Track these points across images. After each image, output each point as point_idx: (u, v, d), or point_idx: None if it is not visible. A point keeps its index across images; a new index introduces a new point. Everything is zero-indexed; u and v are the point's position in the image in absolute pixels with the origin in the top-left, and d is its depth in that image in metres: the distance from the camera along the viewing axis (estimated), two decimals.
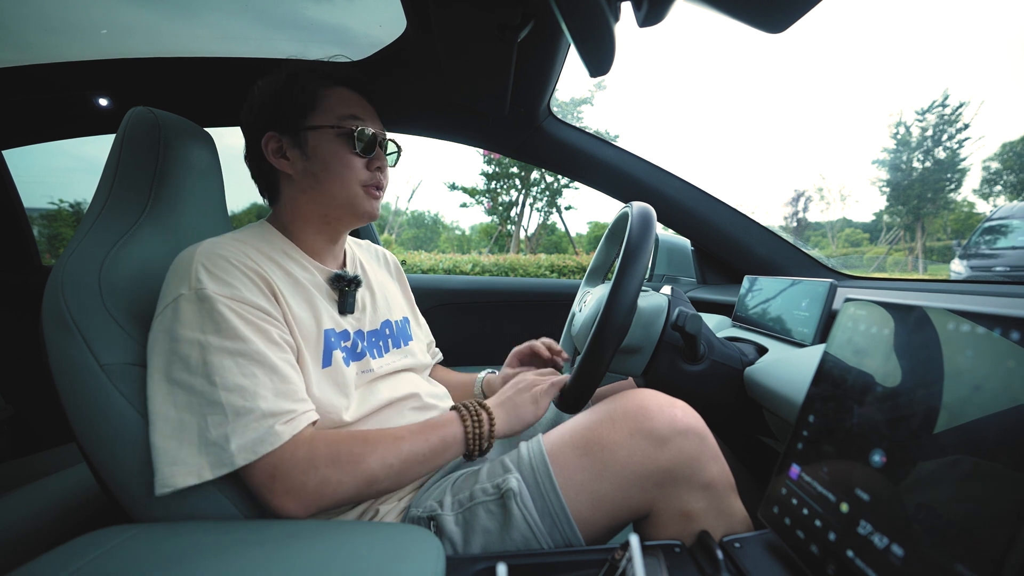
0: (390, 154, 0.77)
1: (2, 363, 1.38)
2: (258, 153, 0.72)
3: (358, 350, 0.72)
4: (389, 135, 0.77)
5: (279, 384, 0.58)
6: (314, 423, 0.60)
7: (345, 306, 0.73)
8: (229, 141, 0.88)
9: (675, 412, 0.60)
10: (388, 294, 0.87)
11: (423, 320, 0.99)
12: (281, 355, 0.60)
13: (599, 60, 0.58)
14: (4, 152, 1.41)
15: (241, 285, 0.60)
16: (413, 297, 0.97)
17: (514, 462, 0.63)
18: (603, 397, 0.86)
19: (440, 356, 1.02)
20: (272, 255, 0.68)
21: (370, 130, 0.70)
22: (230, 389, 0.54)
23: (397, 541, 0.50)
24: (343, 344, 0.70)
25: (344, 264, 0.81)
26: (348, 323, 0.73)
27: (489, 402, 0.69)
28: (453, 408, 0.68)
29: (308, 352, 0.64)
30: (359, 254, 0.87)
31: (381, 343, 0.79)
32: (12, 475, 1.11)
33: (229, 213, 0.92)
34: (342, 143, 0.69)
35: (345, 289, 0.74)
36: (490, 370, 0.98)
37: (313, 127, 0.69)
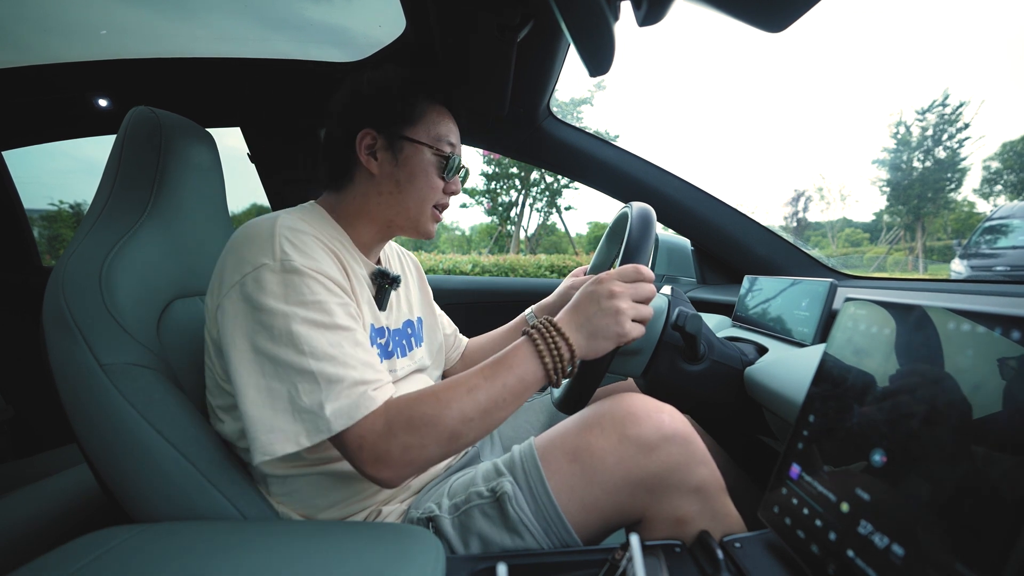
0: (463, 178, 0.78)
1: (2, 364, 1.38)
2: (346, 142, 0.71)
3: (389, 348, 0.73)
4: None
5: (363, 355, 0.58)
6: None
7: (382, 303, 0.74)
8: (229, 142, 0.88)
9: (662, 418, 0.60)
10: (409, 294, 0.87)
11: (441, 314, 1.00)
12: (361, 329, 0.61)
13: (599, 60, 0.58)
14: (4, 153, 1.42)
15: (324, 260, 0.60)
16: (431, 293, 0.98)
17: (507, 466, 0.63)
18: (601, 397, 0.86)
19: (464, 343, 1.04)
20: (331, 242, 0.66)
21: (457, 157, 0.72)
22: (319, 358, 0.54)
23: (398, 541, 0.51)
24: (379, 340, 0.70)
25: (379, 262, 0.81)
26: (384, 320, 0.73)
27: (565, 322, 0.60)
28: (524, 334, 0.61)
29: None
30: (388, 253, 0.87)
31: (404, 343, 0.79)
32: (13, 476, 1.11)
33: (230, 214, 0.92)
34: (434, 164, 0.71)
35: (385, 286, 0.74)
36: (532, 310, 0.99)
37: (412, 139, 0.69)
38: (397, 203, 0.71)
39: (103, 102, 1.15)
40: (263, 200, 1.48)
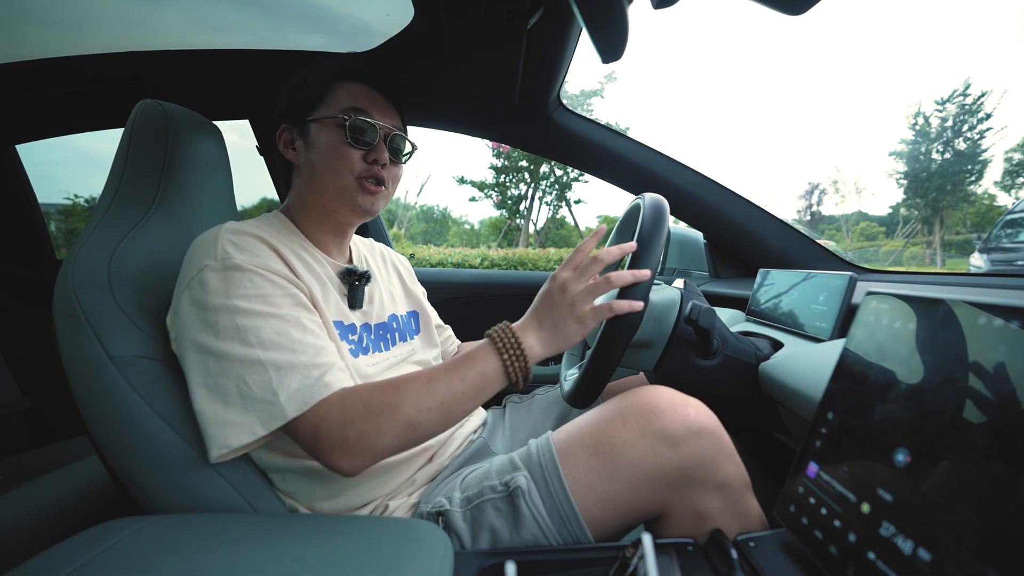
0: (404, 153, 0.76)
1: (19, 357, 1.40)
2: (275, 145, 0.74)
3: (363, 344, 0.72)
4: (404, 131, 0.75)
5: (312, 340, 0.58)
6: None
7: (355, 300, 0.73)
8: (230, 138, 0.88)
9: (688, 411, 0.59)
10: (393, 289, 0.88)
11: (434, 313, 0.99)
12: (310, 317, 0.61)
13: (612, 45, 0.56)
14: (17, 148, 1.43)
15: (266, 256, 0.61)
16: (424, 291, 0.97)
17: (523, 460, 0.62)
18: (613, 392, 0.85)
19: (456, 344, 1.02)
20: (289, 244, 0.68)
21: (366, 121, 0.69)
22: (267, 347, 0.55)
23: (406, 536, 0.50)
24: (350, 337, 0.70)
25: (351, 260, 0.81)
26: (356, 317, 0.73)
27: (524, 323, 0.63)
28: (486, 336, 0.63)
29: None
30: (364, 251, 0.87)
31: (388, 336, 0.79)
32: (27, 466, 1.13)
33: (239, 208, 0.92)
34: (338, 134, 0.69)
35: (355, 283, 0.74)
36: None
37: (316, 119, 0.69)
38: (317, 185, 0.71)
39: (112, 95, 1.15)
40: (272, 194, 1.48)
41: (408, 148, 0.77)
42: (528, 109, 1.15)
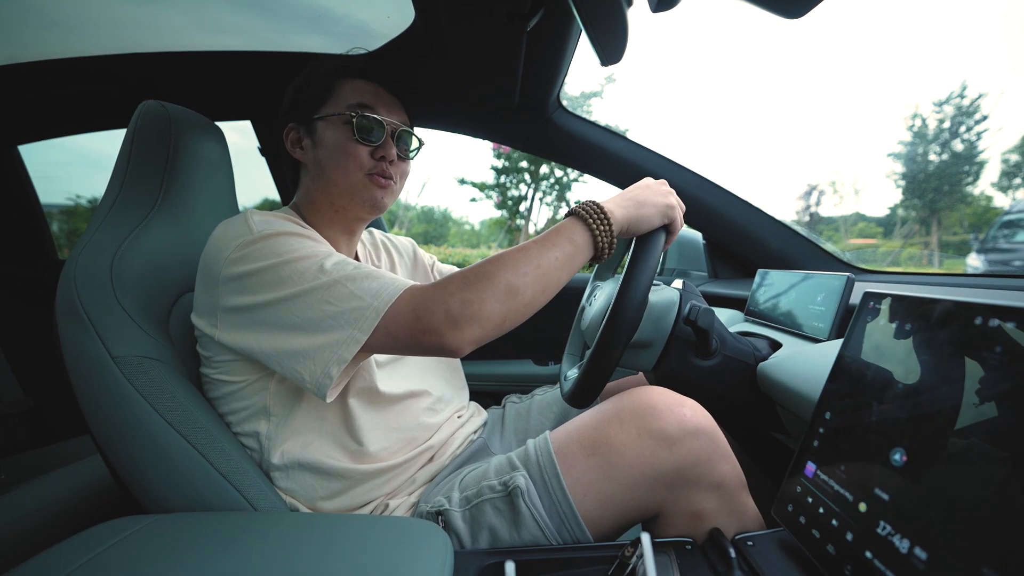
0: (411, 149, 0.76)
1: (21, 357, 1.40)
2: (282, 145, 0.74)
3: None
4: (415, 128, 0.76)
5: (374, 270, 0.59)
6: None
7: None
8: (232, 139, 0.88)
9: (684, 411, 0.59)
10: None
11: (434, 260, 1.00)
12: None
13: (612, 48, 0.56)
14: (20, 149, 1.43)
15: (297, 229, 0.63)
16: (432, 258, 0.98)
17: (521, 460, 0.63)
18: (612, 392, 0.85)
19: None
20: None
21: (373, 116, 0.69)
22: (332, 272, 0.56)
23: (406, 535, 0.50)
24: None
25: (357, 257, 0.81)
26: None
27: (608, 200, 0.65)
28: (570, 213, 0.64)
29: None
30: (368, 248, 0.87)
31: None
32: (29, 466, 1.13)
33: (241, 209, 0.92)
34: (345, 131, 0.69)
35: None
36: None
37: (322, 117, 0.70)
38: (326, 182, 0.71)
39: (115, 96, 1.15)
40: (274, 194, 1.48)
41: (415, 144, 0.77)
42: (528, 110, 1.15)
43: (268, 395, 0.64)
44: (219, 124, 0.85)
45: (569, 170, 13.78)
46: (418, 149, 0.78)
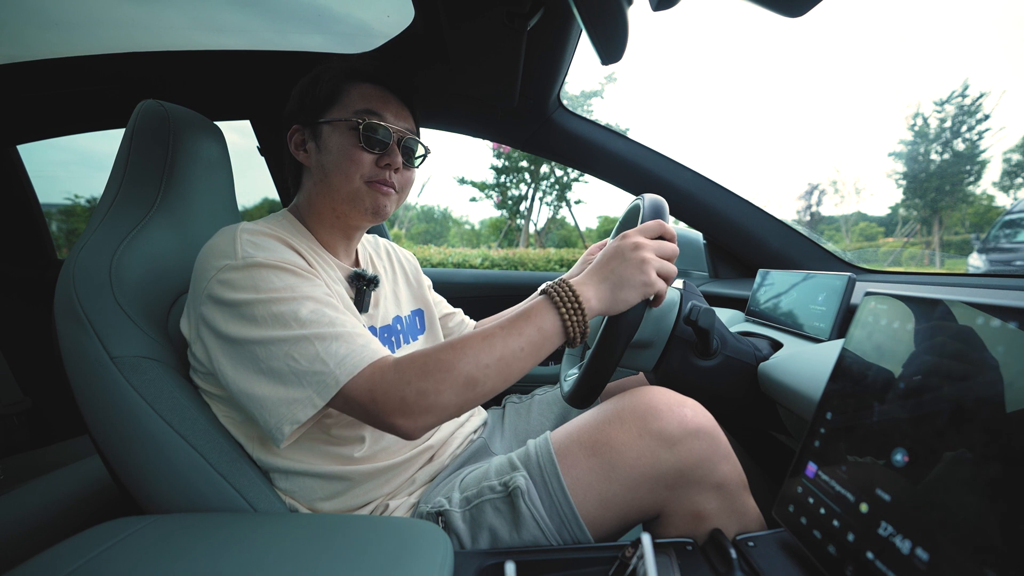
0: (417, 157, 0.75)
1: (20, 357, 1.40)
2: (286, 146, 0.74)
3: None
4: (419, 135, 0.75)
5: (349, 318, 0.59)
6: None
7: (362, 304, 0.73)
8: (231, 138, 0.88)
9: (685, 412, 0.59)
10: (398, 289, 0.87)
11: (441, 301, 0.99)
12: (336, 303, 0.61)
13: (612, 47, 0.56)
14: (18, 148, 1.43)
15: (286, 253, 0.62)
16: (429, 282, 0.97)
17: (522, 460, 0.63)
18: (613, 392, 0.85)
19: (471, 324, 1.02)
20: (298, 246, 0.68)
21: (380, 124, 0.68)
22: (307, 324, 0.55)
23: (406, 535, 0.50)
24: None
25: (357, 262, 0.81)
26: (362, 320, 0.73)
27: (582, 279, 0.60)
28: (542, 292, 0.61)
29: None
30: (370, 251, 0.87)
31: (393, 339, 0.79)
32: (28, 466, 1.13)
33: (240, 208, 0.92)
34: (351, 137, 0.68)
35: (363, 288, 0.74)
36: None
37: (328, 121, 0.69)
38: (328, 188, 0.70)
39: (114, 96, 1.15)
40: (273, 194, 1.48)
41: (421, 151, 0.76)
42: (528, 110, 1.15)
43: None
44: (219, 124, 0.85)
45: (569, 170, 13.78)
46: (424, 157, 0.77)
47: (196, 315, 0.60)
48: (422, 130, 0.80)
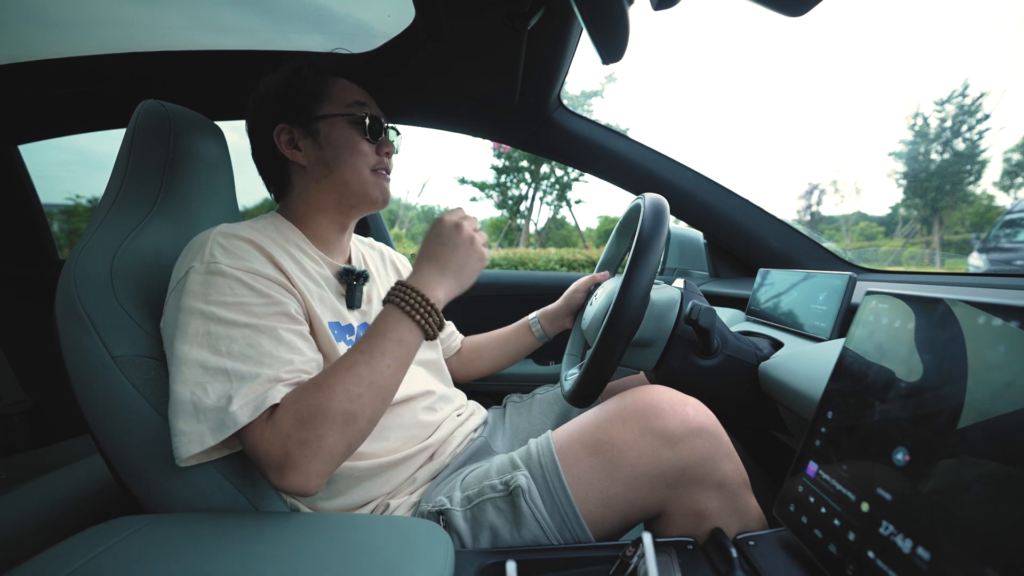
0: (394, 140, 0.79)
1: (21, 356, 1.41)
2: (268, 146, 0.72)
3: None
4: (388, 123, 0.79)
5: (284, 353, 0.56)
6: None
7: (353, 300, 0.73)
8: (231, 138, 0.88)
9: (687, 411, 0.59)
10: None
11: None
12: (290, 327, 0.59)
13: (612, 46, 0.56)
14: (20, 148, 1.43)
15: (255, 261, 0.60)
16: None
17: (523, 459, 0.63)
18: (614, 391, 0.85)
19: (460, 339, 1.04)
20: (285, 246, 0.68)
21: (374, 115, 0.72)
22: (235, 357, 0.53)
23: (406, 534, 0.50)
24: (347, 338, 0.70)
25: (350, 260, 0.81)
26: (354, 317, 0.73)
27: (423, 276, 0.62)
28: (386, 301, 0.61)
29: (318, 339, 0.65)
30: (363, 250, 0.87)
31: None
32: (29, 466, 1.13)
33: (241, 208, 0.92)
34: (353, 130, 0.71)
35: (353, 283, 0.74)
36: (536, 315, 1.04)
37: (323, 116, 0.70)
38: (336, 183, 0.71)
39: (114, 96, 1.15)
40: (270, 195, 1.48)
41: (394, 136, 0.80)
42: (528, 109, 1.15)
43: None
44: (219, 124, 0.85)
45: (569, 169, 13.79)
46: (400, 139, 0.82)
47: (164, 311, 0.60)
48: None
